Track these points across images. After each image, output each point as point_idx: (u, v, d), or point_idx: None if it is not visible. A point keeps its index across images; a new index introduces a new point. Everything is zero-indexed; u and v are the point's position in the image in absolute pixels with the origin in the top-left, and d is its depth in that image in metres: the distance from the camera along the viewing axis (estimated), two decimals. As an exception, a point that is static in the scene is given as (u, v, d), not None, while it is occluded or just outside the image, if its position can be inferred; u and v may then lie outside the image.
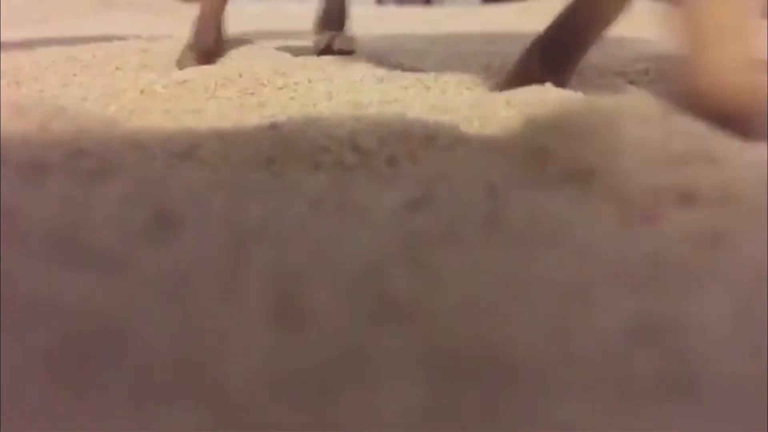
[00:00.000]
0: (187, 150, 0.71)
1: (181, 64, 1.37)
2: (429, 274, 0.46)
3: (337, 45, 1.51)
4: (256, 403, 0.34)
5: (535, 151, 0.68)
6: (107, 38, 1.55)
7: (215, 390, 0.35)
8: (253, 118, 0.97)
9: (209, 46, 1.42)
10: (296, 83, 1.16)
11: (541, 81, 1.02)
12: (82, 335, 0.39)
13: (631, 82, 1.23)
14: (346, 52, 1.48)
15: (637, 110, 0.71)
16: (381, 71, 1.25)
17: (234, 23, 1.55)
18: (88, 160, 0.67)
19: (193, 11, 1.49)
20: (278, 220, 0.55)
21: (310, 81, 1.16)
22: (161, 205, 0.57)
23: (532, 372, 0.37)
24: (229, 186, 0.63)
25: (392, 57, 1.43)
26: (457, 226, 0.54)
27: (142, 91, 1.11)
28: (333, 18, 1.62)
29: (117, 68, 1.34)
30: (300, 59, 1.37)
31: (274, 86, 1.14)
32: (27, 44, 1.61)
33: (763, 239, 0.52)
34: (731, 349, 0.39)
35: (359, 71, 1.25)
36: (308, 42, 1.59)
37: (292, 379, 0.36)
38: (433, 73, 1.19)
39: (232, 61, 1.40)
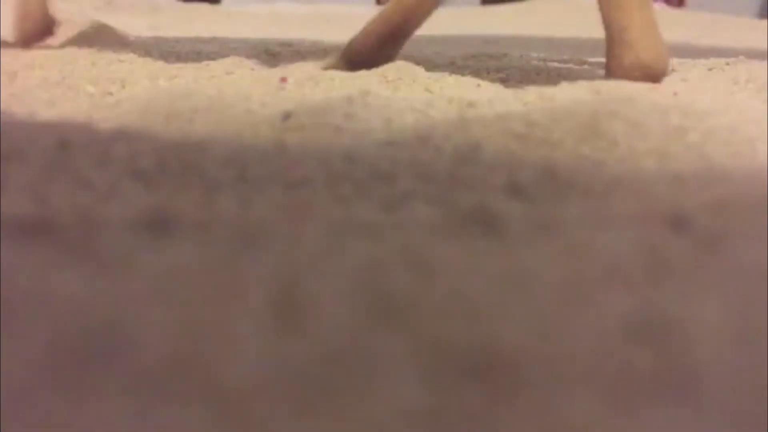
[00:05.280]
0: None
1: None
2: (429, 273, 0.46)
3: None
4: (256, 403, 0.34)
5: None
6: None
7: (215, 390, 0.35)
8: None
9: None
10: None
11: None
12: (81, 335, 0.39)
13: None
14: None
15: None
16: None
17: (236, 25, 1.54)
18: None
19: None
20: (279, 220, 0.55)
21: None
22: (162, 204, 0.57)
23: (532, 372, 0.37)
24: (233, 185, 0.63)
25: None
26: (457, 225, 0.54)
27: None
28: None
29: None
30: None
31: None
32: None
33: (763, 240, 0.52)
34: (730, 349, 0.39)
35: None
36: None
37: (292, 378, 0.36)
38: None
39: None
